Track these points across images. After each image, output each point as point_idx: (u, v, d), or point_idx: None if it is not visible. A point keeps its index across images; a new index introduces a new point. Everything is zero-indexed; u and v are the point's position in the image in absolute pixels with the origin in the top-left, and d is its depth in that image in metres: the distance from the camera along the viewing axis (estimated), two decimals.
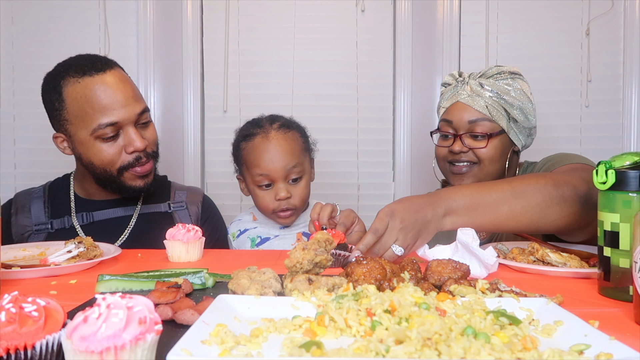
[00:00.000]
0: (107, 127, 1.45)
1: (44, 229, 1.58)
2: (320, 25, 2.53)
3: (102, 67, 1.48)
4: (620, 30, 2.35)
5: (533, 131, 1.59)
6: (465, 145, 1.52)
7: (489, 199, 1.15)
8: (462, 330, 0.64)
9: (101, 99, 1.45)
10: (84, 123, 1.47)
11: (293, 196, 1.60)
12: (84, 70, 1.47)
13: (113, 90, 1.46)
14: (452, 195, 1.15)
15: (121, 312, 0.56)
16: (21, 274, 1.07)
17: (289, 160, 1.58)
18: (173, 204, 1.69)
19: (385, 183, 2.58)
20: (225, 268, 1.11)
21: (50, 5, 2.40)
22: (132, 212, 1.63)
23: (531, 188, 1.16)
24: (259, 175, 1.58)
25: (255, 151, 1.59)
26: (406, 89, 2.53)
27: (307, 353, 0.58)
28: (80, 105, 1.46)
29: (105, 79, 1.47)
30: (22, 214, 1.61)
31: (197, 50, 2.52)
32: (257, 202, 1.65)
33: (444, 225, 1.14)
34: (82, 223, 1.59)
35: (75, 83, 1.47)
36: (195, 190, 1.81)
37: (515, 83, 1.53)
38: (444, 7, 2.51)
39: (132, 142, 1.49)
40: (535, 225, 1.17)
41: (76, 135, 1.50)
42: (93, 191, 1.62)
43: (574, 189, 1.17)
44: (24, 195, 1.66)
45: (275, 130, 1.61)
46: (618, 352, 0.60)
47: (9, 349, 0.57)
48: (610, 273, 0.91)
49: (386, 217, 1.10)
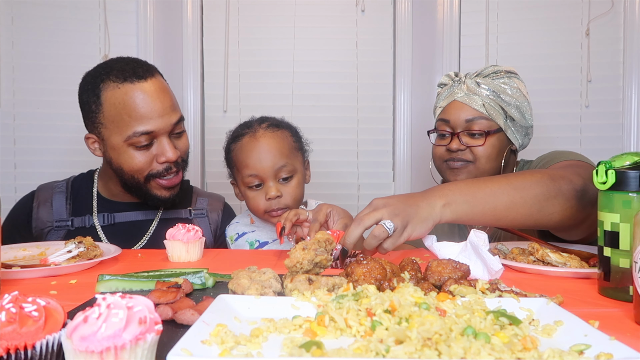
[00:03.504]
0: (142, 135, 1.45)
1: (64, 226, 1.58)
2: (320, 25, 2.53)
3: (143, 75, 1.47)
4: (620, 30, 2.35)
5: (530, 130, 1.59)
6: (462, 143, 1.52)
7: (487, 190, 1.14)
8: (462, 331, 0.64)
9: (139, 107, 1.44)
10: (119, 129, 1.46)
11: (284, 195, 1.56)
12: (125, 75, 1.46)
13: (152, 100, 1.46)
14: (450, 187, 1.15)
15: (121, 312, 0.56)
16: (21, 274, 1.07)
17: (277, 159, 1.55)
18: (194, 210, 1.70)
19: (385, 183, 2.58)
20: (225, 268, 1.11)
21: (50, 5, 2.40)
22: (153, 216, 1.64)
23: (528, 181, 1.16)
24: (249, 176, 1.56)
25: (243, 151, 1.58)
26: (406, 88, 2.53)
27: (307, 353, 0.58)
28: (118, 111, 1.45)
29: (145, 88, 1.46)
30: (43, 207, 1.60)
31: (197, 50, 2.52)
32: (248, 204, 1.63)
33: (444, 215, 1.11)
34: (102, 223, 1.59)
35: (115, 88, 1.45)
36: (217, 197, 1.81)
37: (512, 82, 1.53)
38: (444, 7, 2.51)
39: (165, 152, 1.49)
40: (533, 218, 1.16)
41: (109, 140, 1.49)
42: (117, 192, 1.62)
43: (570, 183, 1.17)
44: (47, 189, 1.65)
45: (263, 130, 1.59)
46: (618, 352, 0.60)
47: (9, 349, 0.57)
48: (610, 273, 0.91)
49: (371, 206, 1.08)
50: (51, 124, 2.41)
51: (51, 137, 2.42)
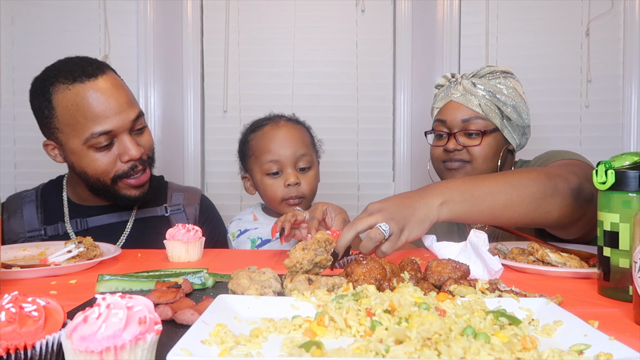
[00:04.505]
0: (100, 136, 1.39)
1: (37, 236, 1.54)
2: (320, 25, 2.53)
3: (93, 73, 1.41)
4: (620, 30, 2.35)
5: (527, 130, 1.59)
6: (459, 143, 1.52)
7: (484, 188, 1.14)
8: (462, 330, 0.64)
9: (93, 107, 1.38)
10: (76, 132, 1.40)
11: (302, 184, 1.59)
12: (75, 76, 1.40)
13: (106, 97, 1.39)
14: (446, 185, 1.14)
15: (121, 312, 0.56)
16: (21, 274, 1.07)
17: (298, 147, 1.59)
18: (170, 207, 1.66)
19: (385, 183, 2.58)
20: (225, 268, 1.11)
21: (50, 5, 2.40)
22: (127, 217, 1.59)
23: (525, 179, 1.16)
24: (269, 162, 1.58)
25: (265, 138, 1.61)
26: (406, 89, 2.53)
27: (307, 353, 0.58)
28: (72, 114, 1.39)
29: (98, 85, 1.40)
30: (14, 218, 1.56)
31: (197, 50, 2.52)
32: (265, 192, 1.62)
33: (441, 214, 1.10)
34: (76, 230, 1.55)
35: (65, 90, 1.39)
36: (193, 190, 1.77)
37: (508, 82, 1.54)
38: (444, 7, 2.51)
39: (127, 150, 1.43)
40: (530, 216, 1.16)
41: (68, 144, 1.43)
42: (87, 197, 1.57)
43: (566, 181, 1.17)
44: (16, 199, 1.61)
45: (284, 121, 1.65)
46: (618, 352, 0.60)
47: (9, 349, 0.57)
48: (610, 273, 0.91)
49: (366, 212, 1.07)
50: None
51: None
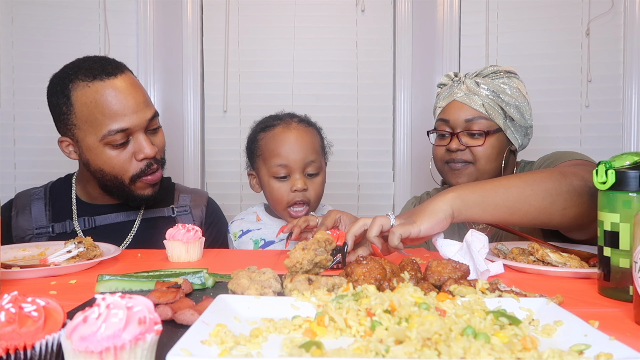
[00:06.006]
0: (117, 133, 1.43)
1: (45, 233, 1.56)
2: (320, 25, 2.53)
3: (112, 72, 1.45)
4: (620, 30, 2.35)
5: (530, 130, 1.59)
6: (462, 143, 1.52)
7: (496, 183, 1.14)
8: (462, 330, 0.64)
9: (112, 104, 1.42)
10: (93, 129, 1.43)
11: (309, 189, 1.57)
12: (94, 74, 1.43)
13: (124, 96, 1.43)
14: (457, 188, 1.13)
15: (121, 312, 0.56)
16: (21, 274, 1.07)
17: (308, 153, 1.57)
18: (177, 208, 1.67)
19: (385, 183, 2.58)
20: (225, 268, 1.11)
21: (50, 5, 2.40)
22: (134, 217, 1.61)
23: (539, 176, 1.16)
24: (277, 166, 1.55)
25: (275, 140, 1.58)
26: (406, 89, 2.53)
27: (307, 353, 0.58)
28: (90, 111, 1.42)
29: (116, 84, 1.43)
30: (22, 215, 1.58)
31: (197, 50, 2.52)
32: (271, 194, 1.60)
33: (454, 205, 1.08)
34: (83, 228, 1.57)
35: (84, 87, 1.43)
36: (200, 193, 1.79)
37: (511, 82, 1.53)
38: (444, 7, 2.51)
39: (142, 148, 1.46)
40: (547, 211, 1.14)
41: (84, 141, 1.46)
42: (96, 195, 1.60)
43: (582, 179, 1.16)
44: (25, 196, 1.64)
45: (296, 123, 1.61)
46: (618, 352, 0.59)
47: (9, 349, 0.57)
48: (610, 273, 0.91)
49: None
50: (51, 124, 2.38)
51: (51, 137, 2.40)
